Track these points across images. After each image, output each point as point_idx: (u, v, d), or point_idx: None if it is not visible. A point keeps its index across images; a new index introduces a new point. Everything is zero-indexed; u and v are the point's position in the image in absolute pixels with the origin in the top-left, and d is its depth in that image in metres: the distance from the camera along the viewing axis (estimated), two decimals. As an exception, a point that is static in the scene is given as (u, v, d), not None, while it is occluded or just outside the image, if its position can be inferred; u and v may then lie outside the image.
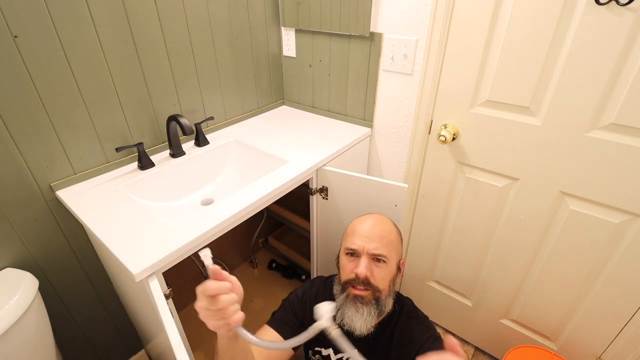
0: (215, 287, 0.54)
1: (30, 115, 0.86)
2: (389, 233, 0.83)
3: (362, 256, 0.81)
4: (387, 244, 0.82)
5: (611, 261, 0.99)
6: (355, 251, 0.82)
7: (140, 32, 1.00)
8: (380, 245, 0.80)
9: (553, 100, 0.91)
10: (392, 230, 0.85)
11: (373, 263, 0.81)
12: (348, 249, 0.83)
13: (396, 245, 0.85)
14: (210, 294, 0.54)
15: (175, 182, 1.12)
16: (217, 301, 0.54)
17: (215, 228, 0.85)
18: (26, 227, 0.93)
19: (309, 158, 1.12)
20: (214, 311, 0.55)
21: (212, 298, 0.54)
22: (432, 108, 1.14)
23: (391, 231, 0.85)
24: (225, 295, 0.55)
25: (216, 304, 0.54)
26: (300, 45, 1.39)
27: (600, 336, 1.11)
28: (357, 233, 0.83)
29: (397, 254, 0.85)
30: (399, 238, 0.87)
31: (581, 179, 0.95)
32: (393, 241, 0.83)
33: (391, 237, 0.83)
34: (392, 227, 0.87)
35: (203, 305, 0.55)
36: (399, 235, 0.88)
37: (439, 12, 0.99)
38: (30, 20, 0.80)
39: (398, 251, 0.85)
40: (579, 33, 0.82)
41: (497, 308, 1.32)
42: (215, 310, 0.55)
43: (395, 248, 0.84)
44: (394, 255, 0.83)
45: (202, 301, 0.55)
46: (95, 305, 1.17)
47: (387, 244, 0.82)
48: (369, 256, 0.80)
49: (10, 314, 0.80)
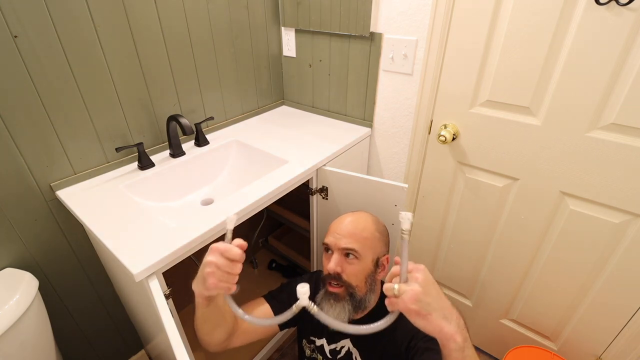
0: (240, 254, 0.59)
1: (30, 115, 0.86)
2: (363, 230, 0.83)
3: (334, 252, 0.82)
4: (360, 239, 0.82)
5: (611, 261, 0.99)
6: (328, 246, 0.84)
7: (140, 32, 1.00)
8: (352, 241, 0.81)
9: (553, 100, 0.91)
10: (368, 227, 0.84)
11: (345, 259, 0.82)
12: (324, 244, 0.86)
13: (372, 242, 0.83)
14: (233, 259, 0.59)
15: (175, 182, 1.12)
16: (234, 266, 0.59)
17: (216, 228, 0.85)
18: (26, 227, 0.93)
19: (309, 158, 1.12)
20: (224, 272, 0.59)
21: (231, 262, 0.59)
22: (432, 108, 1.14)
23: (366, 228, 0.83)
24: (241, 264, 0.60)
25: (232, 268, 0.59)
26: (300, 45, 1.39)
27: (600, 336, 1.11)
28: (332, 229, 0.85)
29: (374, 251, 0.84)
30: (379, 235, 0.86)
31: (581, 179, 0.95)
32: (367, 238, 0.82)
33: (365, 234, 0.82)
34: (370, 224, 0.85)
35: (218, 262, 0.59)
36: (378, 233, 0.86)
37: (439, 12, 0.99)
38: (30, 20, 0.80)
39: (376, 248, 0.84)
40: (579, 33, 0.82)
41: (497, 308, 1.32)
42: (226, 273, 0.59)
43: (371, 245, 0.83)
44: (369, 251, 0.82)
45: (217, 259, 0.59)
46: (95, 305, 1.17)
47: (360, 239, 0.82)
48: (340, 251, 0.82)
49: (10, 314, 0.80)
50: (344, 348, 0.91)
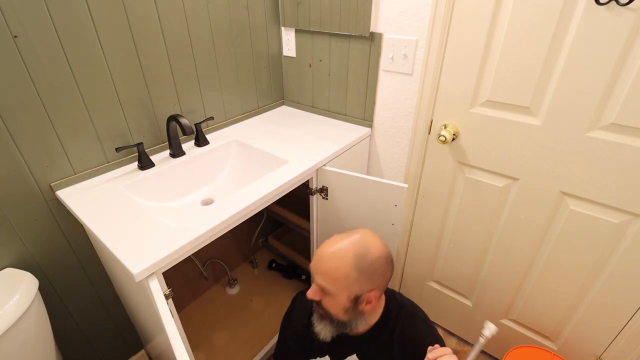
0: None
1: (30, 115, 0.86)
2: (337, 269, 0.77)
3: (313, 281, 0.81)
4: (332, 280, 0.78)
5: (611, 261, 0.99)
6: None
7: (140, 32, 1.00)
8: (323, 279, 0.78)
9: (553, 100, 0.91)
10: (343, 267, 0.76)
11: (321, 290, 0.80)
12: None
13: (346, 282, 0.77)
14: None
15: (176, 182, 1.12)
16: None
17: (215, 228, 0.85)
18: (26, 227, 0.93)
19: (309, 158, 1.12)
20: None
21: None
22: (432, 108, 1.14)
23: (340, 268, 0.76)
24: None
25: None
26: (300, 45, 1.39)
27: (600, 336, 1.11)
28: (314, 257, 0.82)
29: (349, 289, 0.78)
30: (356, 275, 0.77)
31: (581, 179, 0.95)
32: (339, 278, 0.77)
33: (337, 274, 0.77)
34: (347, 263, 0.76)
35: None
36: (356, 272, 0.76)
37: (439, 12, 0.99)
38: (30, 20, 0.80)
39: (351, 287, 0.78)
40: (579, 33, 0.82)
41: (497, 308, 1.32)
42: None
43: (344, 285, 0.77)
44: (342, 290, 0.78)
45: None
46: (95, 305, 1.17)
47: (332, 280, 0.78)
48: (316, 283, 0.80)
49: (10, 314, 0.80)
50: None
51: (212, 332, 1.47)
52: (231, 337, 1.44)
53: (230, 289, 1.67)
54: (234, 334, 1.45)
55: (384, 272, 0.80)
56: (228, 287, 1.67)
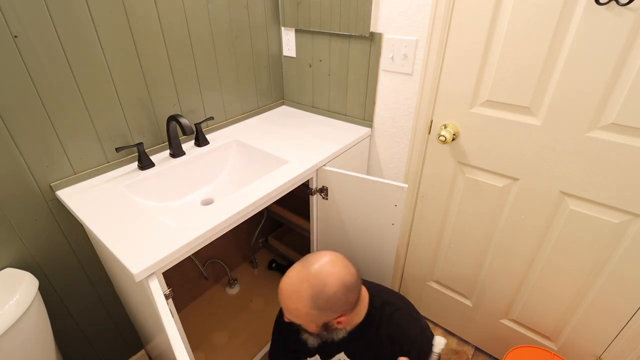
0: None
1: (30, 115, 0.86)
2: (296, 310, 0.79)
3: None
4: (295, 317, 0.81)
5: (611, 261, 0.99)
6: None
7: (140, 32, 1.00)
8: (289, 315, 0.82)
9: (553, 100, 0.91)
10: (300, 308, 0.78)
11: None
12: None
13: (308, 318, 0.80)
14: None
15: (176, 182, 1.12)
16: None
17: (215, 228, 0.85)
18: (26, 227, 0.93)
19: (309, 158, 1.12)
20: None
21: None
22: (432, 108, 1.14)
23: (297, 309, 0.79)
24: None
25: None
26: (300, 45, 1.39)
27: (600, 336, 1.11)
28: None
29: (315, 322, 0.80)
30: (317, 312, 0.78)
31: (581, 179, 0.95)
32: (301, 316, 0.80)
33: (298, 314, 0.79)
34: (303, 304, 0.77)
35: None
36: (316, 310, 0.77)
37: (439, 12, 0.99)
38: (30, 20, 0.80)
39: (315, 321, 0.80)
40: (579, 33, 0.82)
41: (497, 308, 1.32)
42: None
43: (309, 320, 0.80)
44: (309, 323, 0.81)
45: None
46: (95, 305, 1.17)
47: (295, 317, 0.81)
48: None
49: (10, 314, 0.80)
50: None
51: (212, 332, 1.47)
52: (231, 337, 1.44)
53: (230, 289, 1.67)
54: (234, 334, 1.46)
55: (346, 300, 0.79)
56: (228, 287, 1.67)
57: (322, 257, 0.81)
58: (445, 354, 1.45)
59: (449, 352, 1.46)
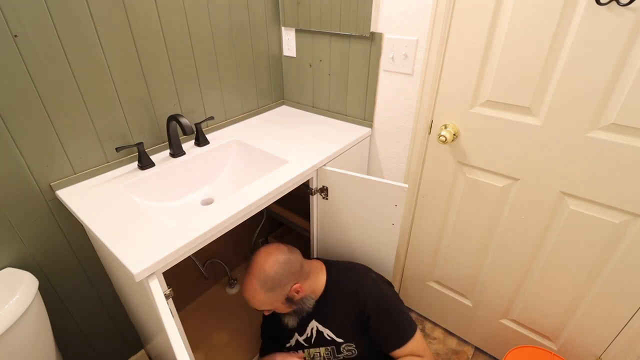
0: None
1: (30, 115, 0.86)
2: (254, 298, 0.98)
3: None
4: (260, 304, 0.99)
5: (611, 261, 0.99)
6: None
7: (140, 32, 1.00)
8: (257, 307, 1.00)
9: (553, 101, 0.91)
10: (257, 295, 0.97)
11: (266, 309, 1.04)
12: None
13: (268, 300, 0.97)
14: None
15: (176, 182, 1.12)
16: None
17: (215, 228, 0.85)
18: (26, 227, 0.93)
19: (309, 158, 1.12)
20: None
21: None
22: (432, 108, 1.14)
23: (255, 296, 0.97)
24: None
25: None
26: (300, 45, 1.39)
27: (600, 336, 1.11)
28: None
29: (276, 300, 0.98)
30: (270, 294, 0.97)
31: (581, 179, 0.95)
32: (262, 300, 0.97)
33: (258, 301, 0.98)
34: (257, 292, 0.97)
35: None
36: (269, 292, 0.96)
37: (439, 12, 0.99)
38: (30, 20, 0.80)
39: (275, 298, 0.98)
40: (580, 33, 0.82)
41: (497, 308, 1.32)
42: None
43: (270, 302, 0.98)
44: (274, 303, 0.99)
45: None
46: (95, 305, 1.17)
47: (260, 304, 0.99)
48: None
49: (10, 314, 0.80)
50: (313, 330, 1.06)
51: (212, 332, 1.47)
52: (231, 337, 1.44)
53: (230, 289, 1.67)
54: (234, 334, 1.46)
55: (288, 271, 0.98)
56: (228, 287, 1.67)
57: (257, 253, 1.01)
58: (445, 354, 1.45)
59: (449, 352, 1.46)
